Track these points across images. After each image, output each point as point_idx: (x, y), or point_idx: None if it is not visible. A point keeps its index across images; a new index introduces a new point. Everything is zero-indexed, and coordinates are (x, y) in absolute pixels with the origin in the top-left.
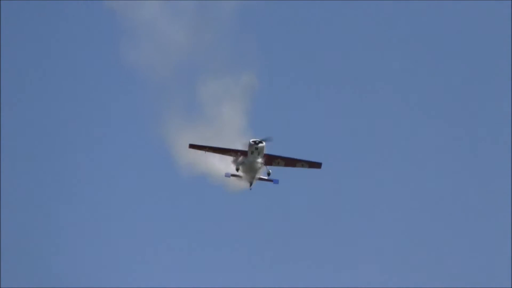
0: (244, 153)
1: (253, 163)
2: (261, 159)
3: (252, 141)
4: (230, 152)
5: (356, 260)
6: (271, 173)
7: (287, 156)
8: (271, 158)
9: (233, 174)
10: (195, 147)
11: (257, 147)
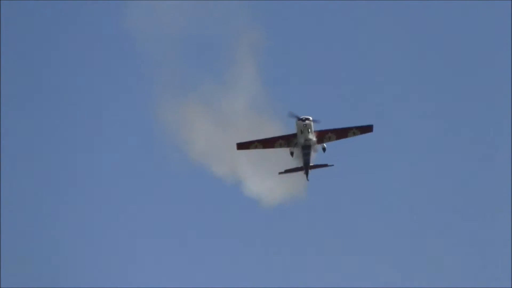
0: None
1: (306, 141)
2: (312, 135)
3: (298, 120)
4: (279, 139)
5: None
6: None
7: (336, 128)
8: (321, 134)
9: (287, 170)
10: (243, 146)
11: (305, 123)
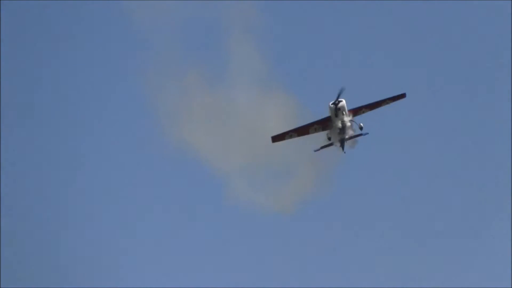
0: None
1: (342, 123)
2: (347, 117)
3: (331, 104)
4: (314, 125)
5: None
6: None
7: (369, 103)
8: (356, 111)
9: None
10: (278, 138)
11: (339, 107)
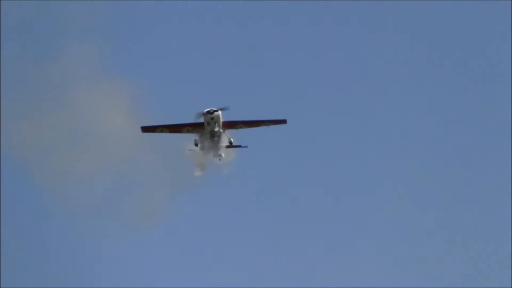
0: (200, 126)
1: (212, 134)
2: (218, 128)
3: (206, 111)
4: (187, 127)
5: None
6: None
7: (248, 120)
8: (231, 125)
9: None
10: (148, 129)
11: (213, 116)
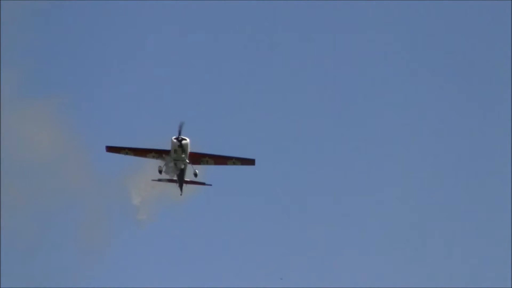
0: (166, 152)
1: (177, 163)
2: (186, 157)
3: (174, 139)
4: (152, 152)
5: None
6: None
7: (216, 154)
8: (198, 157)
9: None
10: (113, 149)
11: (181, 144)
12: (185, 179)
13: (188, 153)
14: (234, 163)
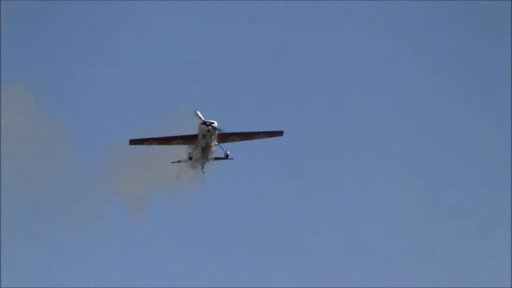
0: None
1: (207, 147)
2: (215, 141)
3: (201, 124)
4: (177, 139)
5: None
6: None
7: (242, 131)
8: (225, 136)
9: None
10: (136, 142)
11: (209, 129)
12: (211, 158)
13: (216, 136)
14: (261, 137)
